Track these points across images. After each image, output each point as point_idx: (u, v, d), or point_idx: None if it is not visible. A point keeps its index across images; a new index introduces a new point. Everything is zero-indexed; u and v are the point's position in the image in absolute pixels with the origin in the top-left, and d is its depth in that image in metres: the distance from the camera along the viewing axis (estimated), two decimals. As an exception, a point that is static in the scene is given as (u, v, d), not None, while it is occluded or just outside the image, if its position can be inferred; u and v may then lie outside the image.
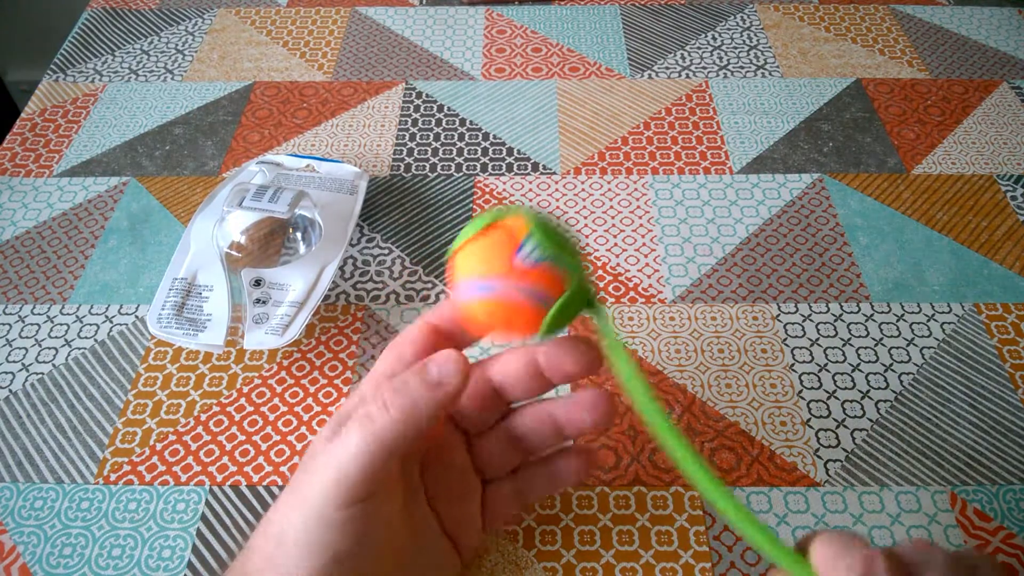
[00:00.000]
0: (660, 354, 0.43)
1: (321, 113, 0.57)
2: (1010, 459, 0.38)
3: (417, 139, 0.55)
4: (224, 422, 0.40)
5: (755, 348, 0.43)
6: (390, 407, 0.27)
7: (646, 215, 0.50)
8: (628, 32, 0.64)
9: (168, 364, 0.43)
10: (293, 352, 0.43)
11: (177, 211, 0.51)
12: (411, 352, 0.30)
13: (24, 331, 0.44)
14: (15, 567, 0.35)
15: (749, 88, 0.59)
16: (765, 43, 0.63)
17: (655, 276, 0.46)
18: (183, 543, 0.36)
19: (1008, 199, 0.50)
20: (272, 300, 0.41)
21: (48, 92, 0.59)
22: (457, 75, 0.60)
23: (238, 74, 0.61)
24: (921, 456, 0.39)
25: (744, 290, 0.46)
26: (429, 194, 0.51)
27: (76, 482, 0.38)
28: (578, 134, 0.55)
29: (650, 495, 0.37)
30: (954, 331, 0.44)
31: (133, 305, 0.45)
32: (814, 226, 0.49)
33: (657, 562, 0.35)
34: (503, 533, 0.36)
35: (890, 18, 0.65)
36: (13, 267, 0.48)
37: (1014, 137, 0.55)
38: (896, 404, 0.41)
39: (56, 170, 0.53)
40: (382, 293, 0.46)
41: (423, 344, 0.30)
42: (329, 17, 0.66)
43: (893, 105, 0.57)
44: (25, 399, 0.41)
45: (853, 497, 0.37)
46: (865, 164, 0.53)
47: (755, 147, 0.54)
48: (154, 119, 0.57)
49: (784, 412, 0.40)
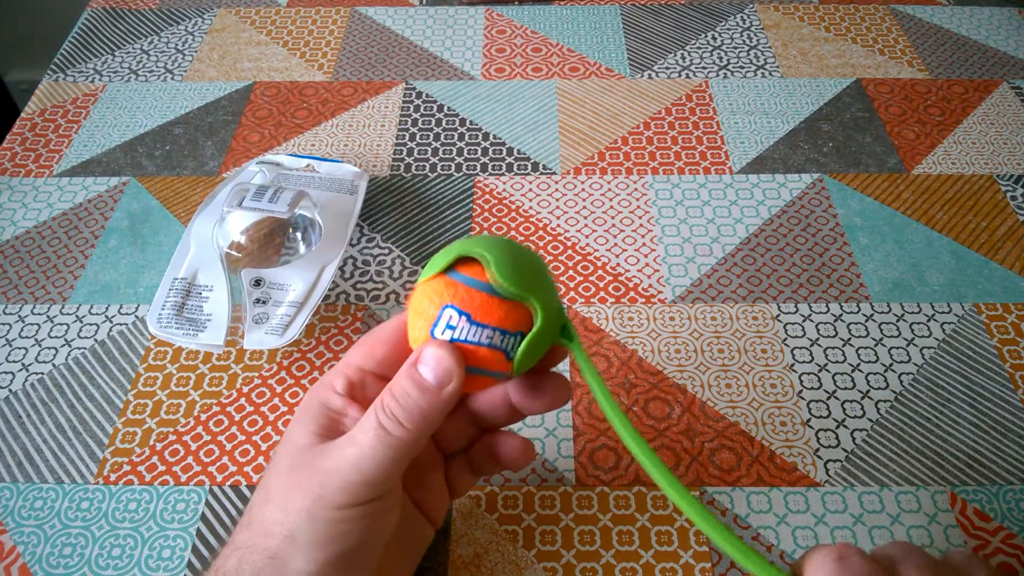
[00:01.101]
0: (660, 354, 0.43)
1: (321, 113, 0.57)
2: (1010, 459, 0.38)
3: (417, 139, 0.55)
4: (224, 422, 0.40)
5: (755, 348, 0.43)
6: (403, 421, 0.27)
7: (646, 215, 0.50)
8: (628, 32, 0.64)
9: (168, 364, 0.43)
10: (293, 352, 0.43)
11: (177, 211, 0.51)
12: (382, 351, 0.30)
13: (24, 331, 0.44)
14: (15, 567, 0.35)
15: (749, 88, 0.59)
16: (765, 43, 0.63)
17: (655, 276, 0.46)
18: (183, 543, 0.36)
19: (1008, 199, 0.50)
20: (272, 300, 0.41)
21: (48, 92, 0.59)
22: (457, 75, 0.60)
23: (238, 74, 0.61)
24: (921, 456, 0.39)
25: (744, 290, 0.46)
26: (429, 194, 0.51)
27: (76, 482, 0.38)
28: (578, 134, 0.55)
29: (650, 495, 0.37)
30: (954, 331, 0.44)
31: (133, 305, 0.45)
32: (814, 226, 0.49)
33: (657, 562, 0.35)
34: (503, 535, 0.36)
35: (890, 18, 0.65)
36: (13, 267, 0.48)
37: (1014, 137, 0.55)
38: (896, 404, 0.41)
39: (56, 170, 0.53)
40: (382, 293, 0.46)
41: (395, 342, 0.31)
42: (329, 17, 0.66)
43: (893, 105, 0.57)
44: (25, 399, 0.41)
45: (853, 497, 0.37)
46: (865, 164, 0.53)
47: (755, 147, 0.54)
48: (154, 119, 0.57)
49: (784, 412, 0.40)
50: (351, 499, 0.27)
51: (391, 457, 0.27)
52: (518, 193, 0.51)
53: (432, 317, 0.28)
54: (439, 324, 0.27)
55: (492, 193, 0.51)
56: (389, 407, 0.27)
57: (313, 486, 0.27)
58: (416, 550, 0.33)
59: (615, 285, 0.46)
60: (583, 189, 0.51)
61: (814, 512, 0.37)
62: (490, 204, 0.51)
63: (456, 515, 0.37)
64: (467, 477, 0.34)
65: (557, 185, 0.52)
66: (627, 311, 0.45)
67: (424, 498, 0.33)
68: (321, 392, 0.30)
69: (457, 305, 0.27)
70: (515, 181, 0.52)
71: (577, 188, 0.51)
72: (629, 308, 0.45)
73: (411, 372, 0.28)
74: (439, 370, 0.27)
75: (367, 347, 0.31)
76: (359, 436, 0.27)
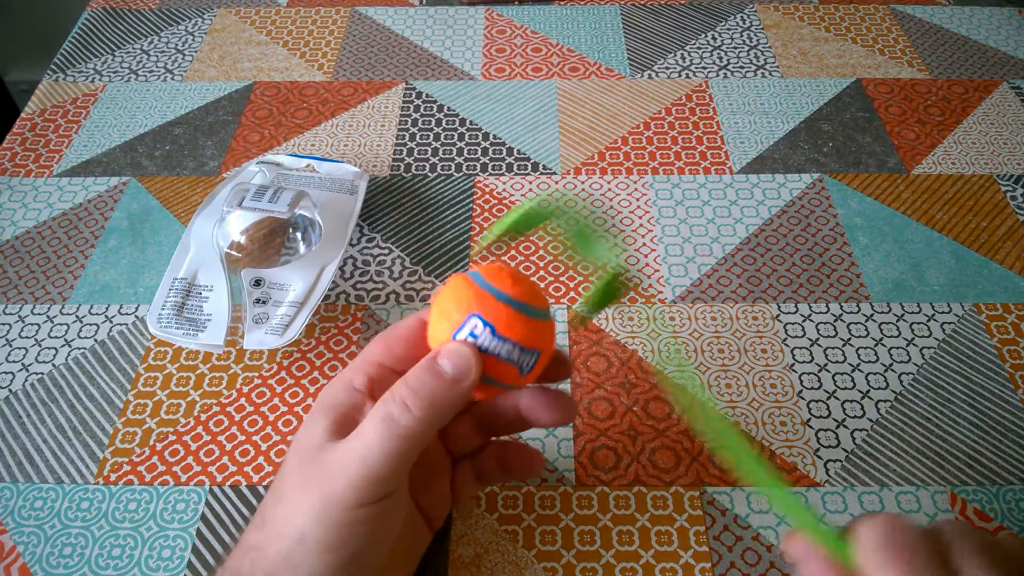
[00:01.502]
0: (660, 354, 0.43)
1: (321, 113, 0.57)
2: (1010, 459, 0.38)
3: (417, 139, 0.55)
4: (224, 422, 0.40)
5: (755, 348, 0.43)
6: (412, 408, 0.27)
7: (646, 215, 0.50)
8: (628, 32, 0.64)
9: (168, 364, 0.43)
10: (293, 352, 0.43)
11: (177, 211, 0.51)
12: (400, 348, 0.31)
13: (24, 331, 0.44)
14: (15, 567, 0.35)
15: (749, 88, 0.59)
16: (765, 43, 0.63)
17: (655, 276, 0.46)
18: (183, 543, 0.36)
19: (1008, 199, 0.50)
20: (272, 300, 0.41)
21: (48, 92, 0.59)
22: (457, 75, 0.60)
23: (238, 74, 0.61)
24: (921, 456, 0.39)
25: (744, 290, 0.46)
26: (429, 194, 0.51)
27: (76, 482, 0.38)
28: (578, 134, 0.55)
29: (650, 495, 0.37)
30: (954, 331, 0.44)
31: (133, 305, 0.45)
32: (814, 226, 0.49)
33: (657, 562, 0.35)
34: (504, 535, 0.36)
35: (890, 18, 0.65)
36: (13, 267, 0.48)
37: (1014, 137, 0.55)
38: (896, 404, 0.41)
39: (56, 170, 0.53)
40: (382, 293, 0.46)
41: (413, 341, 0.31)
42: (329, 17, 0.66)
43: (893, 105, 0.57)
44: (25, 399, 0.41)
45: (853, 497, 0.37)
46: (865, 164, 0.53)
47: (755, 147, 0.54)
48: (154, 119, 0.57)
49: (784, 412, 0.40)
50: (359, 498, 0.27)
51: (397, 448, 0.27)
52: (518, 193, 0.51)
53: (457, 322, 0.28)
54: (463, 330, 0.28)
55: (492, 193, 0.51)
56: (400, 394, 0.28)
57: (321, 485, 0.27)
58: (415, 552, 0.33)
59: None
60: (583, 189, 0.51)
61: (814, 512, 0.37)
62: (490, 204, 0.51)
63: (456, 515, 0.37)
64: (471, 484, 0.34)
65: (557, 185, 0.52)
66: (627, 311, 0.45)
67: (427, 501, 0.33)
68: (339, 388, 0.30)
69: (483, 316, 0.28)
70: (515, 181, 0.52)
71: (577, 188, 0.51)
72: (629, 308, 0.45)
73: (430, 364, 0.28)
74: (458, 362, 0.28)
75: (386, 343, 0.31)
76: (364, 429, 0.27)
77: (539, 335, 0.29)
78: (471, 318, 0.28)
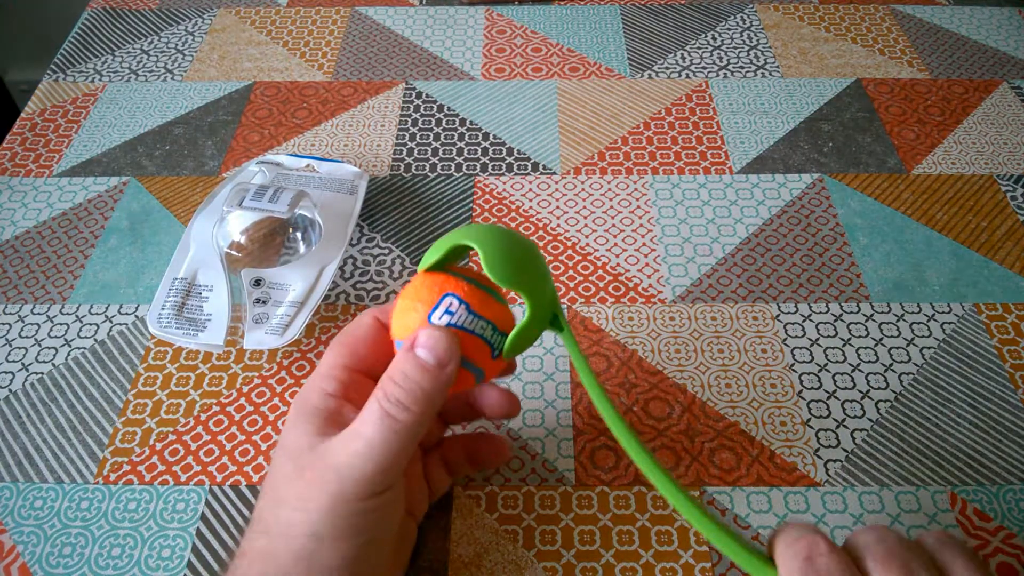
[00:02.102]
0: (660, 354, 0.43)
1: (321, 113, 0.57)
2: (1010, 459, 0.38)
3: (417, 139, 0.55)
4: (224, 422, 0.40)
5: (755, 348, 0.43)
6: (407, 403, 0.28)
7: (646, 215, 0.50)
8: (628, 32, 0.64)
9: (168, 364, 0.43)
10: (293, 352, 0.43)
11: (177, 211, 0.51)
12: (363, 348, 0.31)
13: (24, 331, 0.44)
14: (15, 567, 0.35)
15: (749, 88, 0.59)
16: (765, 43, 0.63)
17: (655, 276, 0.46)
18: (183, 543, 0.36)
19: (1008, 199, 0.50)
20: (272, 300, 0.41)
21: (48, 92, 0.59)
22: (457, 75, 0.60)
23: (238, 74, 0.61)
24: (921, 456, 0.39)
25: (744, 290, 0.46)
26: (429, 194, 0.51)
27: (76, 482, 0.38)
28: (578, 134, 0.55)
29: (650, 495, 0.37)
30: (954, 331, 0.44)
31: (133, 305, 0.45)
32: (814, 226, 0.49)
33: (657, 562, 0.35)
34: (503, 534, 0.36)
35: (890, 18, 0.65)
36: (13, 267, 0.48)
37: (1014, 137, 0.55)
38: (896, 404, 0.41)
39: (56, 170, 0.53)
40: (382, 293, 0.46)
41: (374, 339, 0.31)
42: (329, 17, 0.66)
43: (893, 105, 0.57)
44: (25, 399, 0.41)
45: (853, 497, 0.37)
46: (865, 164, 0.53)
47: (755, 147, 0.54)
48: (154, 119, 0.57)
49: (784, 412, 0.40)
50: (369, 490, 0.28)
51: (399, 442, 0.28)
52: (518, 193, 0.51)
53: (431, 302, 0.29)
54: (438, 310, 0.28)
55: (492, 193, 0.51)
56: (392, 394, 0.28)
57: (330, 483, 0.28)
58: (407, 545, 0.34)
59: (615, 285, 0.46)
60: (583, 189, 0.51)
61: (814, 512, 0.37)
62: (490, 204, 0.51)
63: (456, 515, 0.37)
64: (444, 476, 0.35)
65: (557, 185, 0.52)
66: (627, 311, 0.45)
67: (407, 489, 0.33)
68: (313, 394, 0.30)
69: (458, 295, 0.29)
70: (515, 181, 0.52)
71: (577, 188, 0.51)
72: (629, 308, 0.45)
73: (410, 356, 0.28)
74: (439, 348, 0.28)
75: (348, 347, 0.31)
76: (364, 428, 0.28)
77: (507, 320, 0.30)
78: (446, 296, 0.29)
